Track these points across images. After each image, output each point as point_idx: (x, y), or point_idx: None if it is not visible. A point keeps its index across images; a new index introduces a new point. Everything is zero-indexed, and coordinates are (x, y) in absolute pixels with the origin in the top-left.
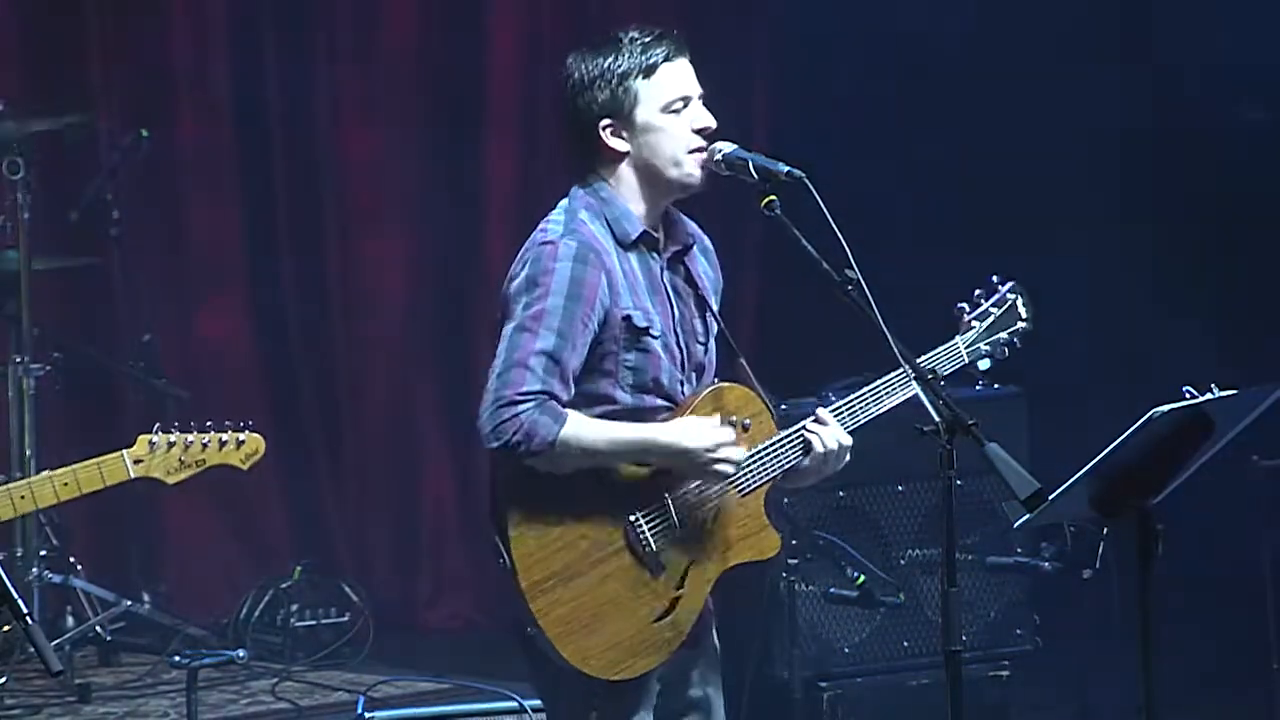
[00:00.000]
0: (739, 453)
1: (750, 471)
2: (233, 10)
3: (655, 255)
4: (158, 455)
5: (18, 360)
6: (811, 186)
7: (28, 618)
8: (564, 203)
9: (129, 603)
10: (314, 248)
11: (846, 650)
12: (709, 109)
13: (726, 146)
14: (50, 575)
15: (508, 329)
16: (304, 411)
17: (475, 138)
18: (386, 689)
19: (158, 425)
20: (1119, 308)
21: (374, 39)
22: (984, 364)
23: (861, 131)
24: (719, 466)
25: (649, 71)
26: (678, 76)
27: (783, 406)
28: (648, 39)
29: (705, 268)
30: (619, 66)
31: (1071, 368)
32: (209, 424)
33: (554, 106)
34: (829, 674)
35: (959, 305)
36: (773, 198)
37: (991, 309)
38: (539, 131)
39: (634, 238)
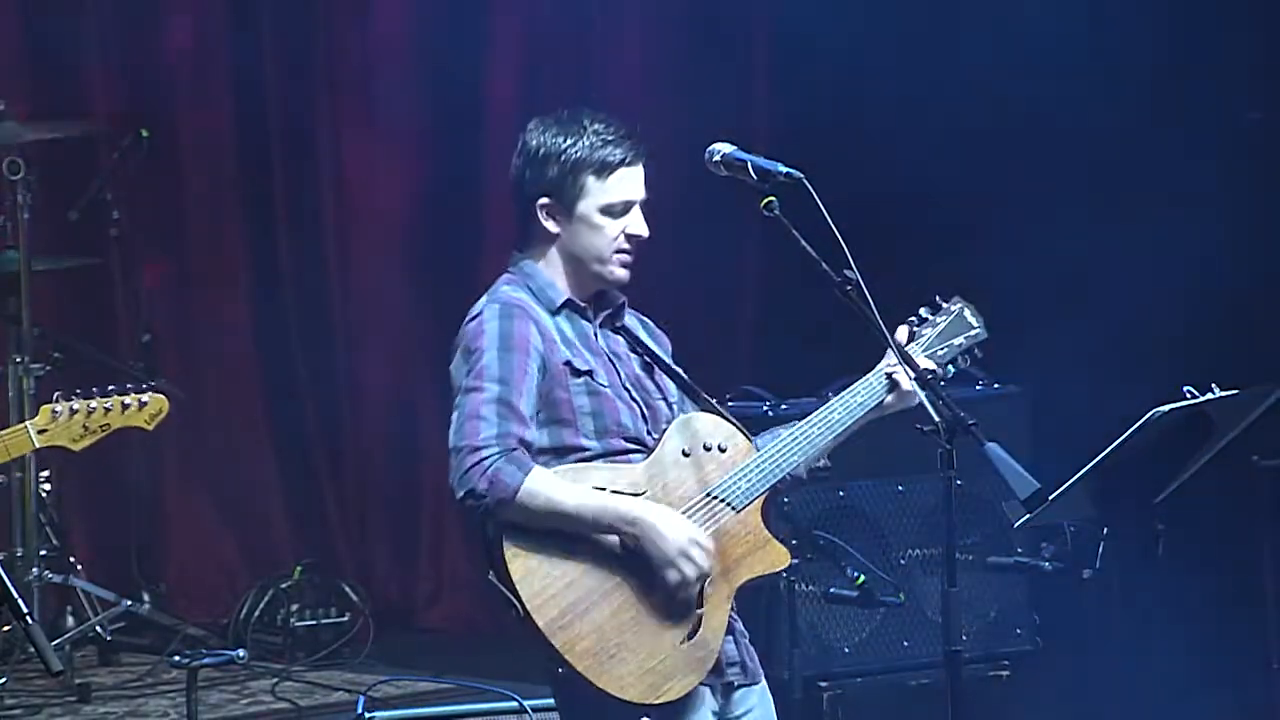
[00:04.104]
0: (705, 560)
1: (747, 484)
2: (233, 10)
3: (586, 320)
4: (60, 423)
5: (18, 360)
6: (810, 187)
7: (28, 618)
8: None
9: (129, 603)
10: (314, 248)
11: (846, 650)
12: (707, 110)
13: (725, 147)
14: (50, 575)
15: (457, 399)
16: (304, 412)
17: (475, 136)
18: (386, 689)
19: (58, 394)
20: (1119, 307)
21: (374, 39)
22: (949, 370)
23: (860, 131)
24: (683, 565)
25: (603, 171)
26: (629, 182)
27: (783, 406)
28: (610, 136)
29: (645, 336)
30: (576, 153)
31: (1071, 368)
32: (111, 388)
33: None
34: (829, 674)
35: (909, 319)
36: (772, 198)
37: (938, 319)
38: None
39: (559, 304)
